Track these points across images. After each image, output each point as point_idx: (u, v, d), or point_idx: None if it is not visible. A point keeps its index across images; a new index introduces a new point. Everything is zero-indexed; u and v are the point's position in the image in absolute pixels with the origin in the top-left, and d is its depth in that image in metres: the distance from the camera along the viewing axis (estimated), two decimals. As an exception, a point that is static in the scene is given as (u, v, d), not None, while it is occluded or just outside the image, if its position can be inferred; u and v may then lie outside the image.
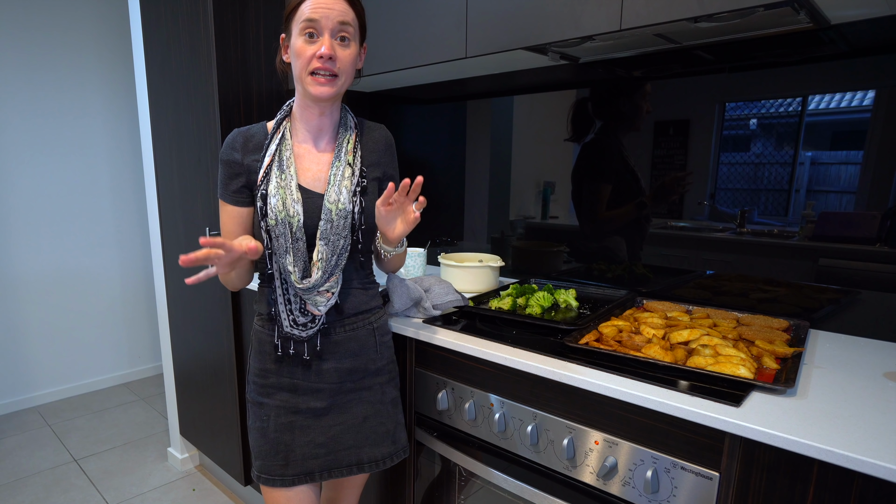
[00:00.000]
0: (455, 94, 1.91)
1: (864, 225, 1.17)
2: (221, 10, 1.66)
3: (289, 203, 1.02)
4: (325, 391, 1.11)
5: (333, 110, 1.09)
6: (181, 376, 2.22)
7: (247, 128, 1.11)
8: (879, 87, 1.12)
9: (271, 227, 1.02)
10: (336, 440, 1.12)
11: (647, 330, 1.12)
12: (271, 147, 1.05)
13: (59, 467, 2.32)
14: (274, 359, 1.10)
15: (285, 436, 1.10)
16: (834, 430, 0.74)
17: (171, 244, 2.11)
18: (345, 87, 1.05)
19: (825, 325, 1.23)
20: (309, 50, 0.98)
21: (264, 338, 1.11)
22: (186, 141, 1.89)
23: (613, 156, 1.53)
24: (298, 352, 1.09)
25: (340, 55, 1.00)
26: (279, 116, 1.09)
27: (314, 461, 1.11)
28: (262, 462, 1.11)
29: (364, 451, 1.14)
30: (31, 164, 2.81)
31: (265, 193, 1.03)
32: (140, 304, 3.30)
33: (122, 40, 3.04)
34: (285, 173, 1.04)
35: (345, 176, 1.06)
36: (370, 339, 1.14)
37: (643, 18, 1.04)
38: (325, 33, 0.98)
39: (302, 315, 1.06)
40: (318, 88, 1.00)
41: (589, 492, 0.99)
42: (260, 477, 1.11)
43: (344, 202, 1.04)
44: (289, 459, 1.10)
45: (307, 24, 0.97)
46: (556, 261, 1.72)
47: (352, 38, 1.02)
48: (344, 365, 1.11)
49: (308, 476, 1.11)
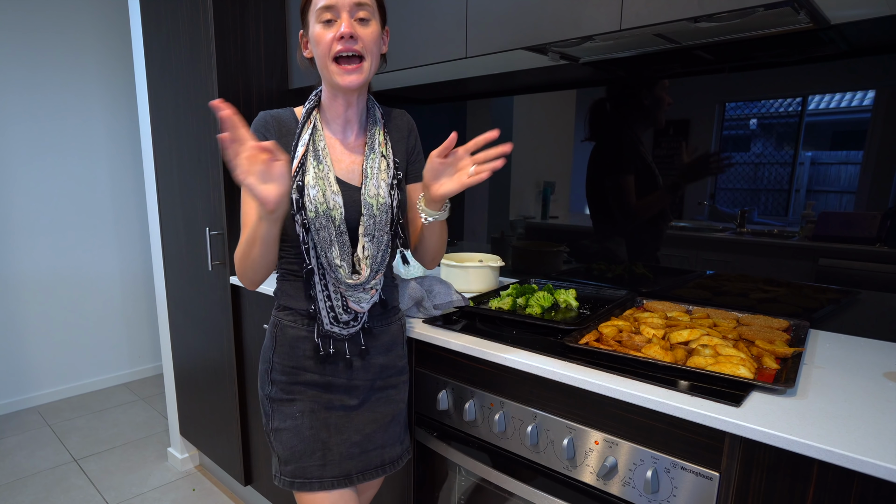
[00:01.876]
0: (455, 94, 1.91)
1: (864, 225, 1.17)
2: (221, 10, 1.66)
3: (328, 195, 0.98)
4: (360, 388, 1.08)
5: (360, 101, 1.05)
6: (181, 376, 2.22)
7: (276, 112, 1.05)
8: (879, 87, 1.12)
9: (310, 219, 0.97)
10: (369, 439, 1.09)
11: (647, 330, 1.12)
12: (304, 136, 1.01)
13: (59, 467, 2.32)
14: (309, 356, 1.05)
15: (322, 433, 1.05)
16: (834, 430, 0.74)
17: (171, 244, 2.11)
18: (373, 73, 0.99)
19: (825, 325, 1.23)
20: (328, 34, 0.94)
21: (296, 334, 1.05)
22: (186, 141, 1.89)
23: (631, 150, 1.51)
24: (339, 350, 1.05)
25: (362, 33, 0.94)
26: (309, 105, 1.05)
27: (350, 462, 1.07)
28: (297, 465, 1.04)
29: (387, 451, 1.12)
30: (32, 164, 2.81)
31: (301, 185, 0.97)
32: (140, 304, 3.30)
33: (122, 40, 3.04)
34: (322, 164, 0.99)
35: (381, 169, 1.03)
36: (400, 334, 1.14)
37: (643, 18, 1.04)
38: (343, 14, 0.93)
39: (345, 313, 1.03)
40: (345, 78, 0.95)
41: (589, 492, 0.99)
42: (294, 483, 1.03)
43: (384, 196, 1.01)
44: (326, 459, 1.05)
45: (323, 10, 0.93)
46: (556, 261, 1.72)
47: (371, 17, 0.96)
48: (378, 361, 1.09)
49: (346, 479, 1.06)
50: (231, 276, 1.78)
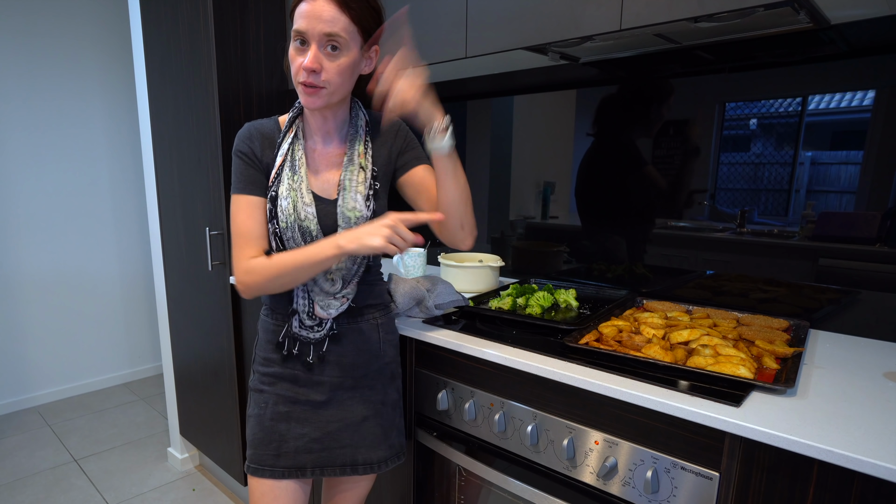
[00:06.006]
0: (455, 94, 1.91)
1: (864, 225, 1.17)
2: (221, 11, 1.66)
3: (300, 207, 1.00)
4: (326, 384, 1.10)
5: (337, 112, 1.06)
6: (181, 376, 2.22)
7: (259, 123, 1.07)
8: (879, 87, 1.12)
9: (282, 230, 1.01)
10: (332, 437, 1.11)
11: (648, 330, 1.12)
12: (284, 146, 1.03)
13: (59, 467, 2.32)
14: (277, 350, 1.10)
15: (280, 425, 1.09)
16: (834, 430, 0.74)
17: (171, 244, 2.11)
18: (337, 96, 0.99)
19: (825, 325, 1.23)
20: (297, 60, 0.95)
21: (270, 328, 1.11)
22: (186, 141, 1.89)
23: (635, 148, 1.51)
24: (303, 352, 1.08)
25: (327, 66, 0.94)
26: (292, 114, 1.07)
27: (307, 455, 1.10)
28: (255, 451, 1.10)
29: (360, 452, 1.13)
30: (32, 164, 2.81)
31: (275, 195, 1.01)
32: (140, 304, 3.30)
33: (122, 41, 3.04)
34: (297, 174, 1.02)
35: (358, 181, 1.04)
36: (373, 334, 1.13)
37: (643, 18, 1.04)
38: (313, 44, 0.93)
39: (309, 318, 1.06)
40: (306, 99, 0.98)
41: (589, 492, 0.99)
42: (249, 467, 1.10)
43: (360, 208, 1.02)
44: (281, 450, 1.09)
45: (296, 33, 0.95)
46: (556, 261, 1.72)
47: (343, 48, 0.94)
48: (346, 359, 1.10)
49: (299, 471, 1.10)
50: (231, 277, 1.78)
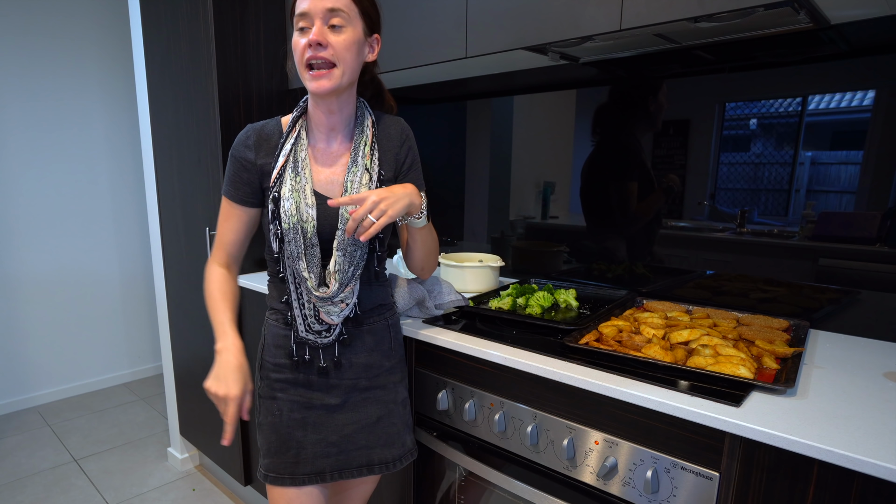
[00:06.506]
0: (455, 94, 1.90)
1: (864, 225, 1.17)
2: (221, 11, 1.66)
3: (302, 208, 0.99)
4: (341, 387, 1.08)
5: (344, 107, 1.03)
6: (181, 376, 2.22)
7: (261, 124, 1.06)
8: (879, 87, 1.12)
9: (283, 231, 0.99)
10: (349, 439, 1.10)
11: (647, 330, 1.12)
12: (286, 147, 1.02)
13: (59, 467, 2.32)
14: (289, 356, 1.08)
15: (297, 432, 1.07)
16: (834, 430, 0.74)
17: (171, 244, 2.11)
18: (347, 80, 0.98)
19: (825, 325, 1.23)
20: (301, 42, 0.95)
21: (279, 332, 1.08)
22: (186, 141, 1.89)
23: (635, 155, 1.51)
24: (314, 357, 1.07)
25: (333, 41, 0.94)
26: (295, 114, 1.05)
27: (325, 460, 1.09)
28: (272, 460, 1.07)
29: (375, 452, 1.12)
30: (32, 164, 2.81)
31: (277, 196, 1.00)
32: (140, 304, 3.30)
33: (122, 41, 3.04)
34: (300, 175, 1.00)
35: (362, 183, 1.02)
36: (385, 334, 1.13)
37: (643, 18, 1.04)
38: (316, 21, 0.93)
39: (317, 323, 1.04)
40: (314, 83, 0.96)
41: (589, 492, 0.99)
42: (267, 476, 1.07)
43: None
44: (300, 457, 1.07)
45: (298, 18, 0.95)
46: (556, 261, 1.72)
47: (346, 24, 0.95)
48: (360, 360, 1.09)
49: (319, 476, 1.08)
50: (231, 276, 1.77)
